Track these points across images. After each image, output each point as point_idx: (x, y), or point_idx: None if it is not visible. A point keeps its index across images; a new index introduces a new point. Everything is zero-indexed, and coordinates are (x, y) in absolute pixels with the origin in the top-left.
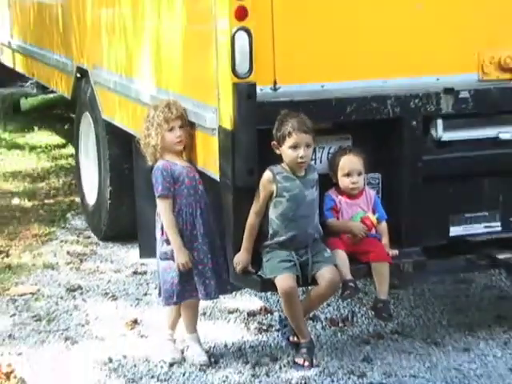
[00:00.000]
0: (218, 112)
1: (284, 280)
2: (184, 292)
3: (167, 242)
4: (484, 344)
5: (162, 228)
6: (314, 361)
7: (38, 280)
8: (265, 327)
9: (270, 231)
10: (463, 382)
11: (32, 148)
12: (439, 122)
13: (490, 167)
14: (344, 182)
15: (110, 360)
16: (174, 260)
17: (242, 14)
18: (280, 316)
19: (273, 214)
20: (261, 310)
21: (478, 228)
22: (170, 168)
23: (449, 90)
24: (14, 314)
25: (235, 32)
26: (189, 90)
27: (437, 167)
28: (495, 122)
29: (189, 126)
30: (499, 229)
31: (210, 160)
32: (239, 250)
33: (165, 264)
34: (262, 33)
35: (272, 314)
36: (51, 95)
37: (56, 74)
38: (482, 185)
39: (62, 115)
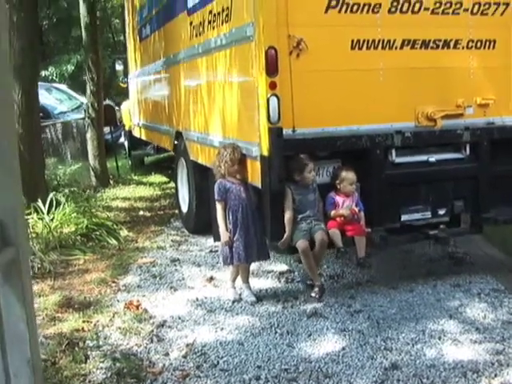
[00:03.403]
0: (259, 146)
1: (302, 243)
2: (232, 258)
3: None
4: (421, 287)
5: None
6: (323, 297)
7: (154, 255)
8: (290, 280)
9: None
10: (409, 308)
11: (151, 184)
12: (393, 151)
13: (423, 179)
14: (347, 187)
15: (197, 299)
16: None
17: (273, 86)
18: (301, 272)
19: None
20: (287, 271)
21: (417, 216)
22: (224, 184)
23: (398, 132)
24: (140, 274)
25: (269, 97)
26: (242, 136)
27: (392, 179)
28: (426, 151)
29: (242, 162)
30: (430, 216)
31: (255, 176)
32: (275, 234)
33: (220, 242)
34: (286, 97)
35: (294, 272)
36: (161, 155)
37: (164, 137)
38: (419, 189)
39: (167, 166)
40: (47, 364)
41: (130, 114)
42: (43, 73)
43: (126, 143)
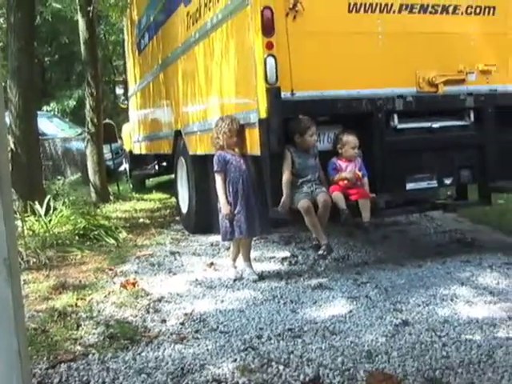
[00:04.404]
0: (258, 111)
1: (304, 202)
2: (233, 231)
3: None
4: (430, 263)
5: None
6: (329, 256)
7: (153, 250)
8: (293, 263)
9: (294, 179)
10: (419, 279)
11: (151, 199)
12: (395, 116)
13: (427, 146)
14: (349, 151)
15: (196, 279)
16: None
17: (269, 46)
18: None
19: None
20: (290, 256)
21: (423, 184)
22: (224, 155)
23: (400, 96)
24: (138, 263)
25: (266, 57)
26: (240, 107)
27: (395, 145)
28: (429, 118)
29: (241, 133)
30: (436, 185)
31: (254, 145)
32: (275, 198)
33: (220, 215)
34: (283, 59)
35: (297, 257)
36: (162, 177)
37: (163, 143)
38: (424, 157)
39: (167, 187)
40: (37, 332)
41: (131, 135)
42: (44, 108)
43: (126, 166)
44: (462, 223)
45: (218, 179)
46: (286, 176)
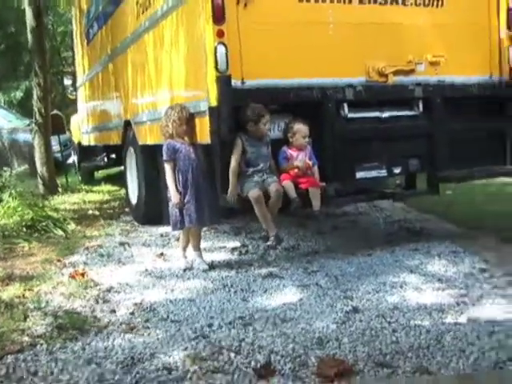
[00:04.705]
0: (208, 99)
1: (254, 192)
2: (183, 221)
3: None
4: (380, 252)
5: None
6: (279, 247)
7: (102, 241)
8: (243, 253)
9: (243, 170)
10: (368, 268)
11: (100, 191)
12: (345, 105)
13: (377, 135)
14: (299, 140)
15: (146, 270)
16: None
17: (220, 34)
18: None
19: (243, 161)
20: (240, 246)
21: (373, 173)
22: (173, 144)
23: (350, 86)
24: (87, 254)
25: (217, 45)
26: (190, 96)
27: (345, 133)
28: (379, 108)
29: (190, 121)
30: (385, 174)
31: (204, 133)
32: (225, 186)
33: (170, 204)
34: (234, 47)
35: (247, 247)
36: (112, 170)
37: (112, 133)
38: (373, 146)
39: (117, 179)
40: None
41: (79, 127)
42: None
43: (75, 158)
44: (410, 213)
45: (168, 168)
46: (233, 164)
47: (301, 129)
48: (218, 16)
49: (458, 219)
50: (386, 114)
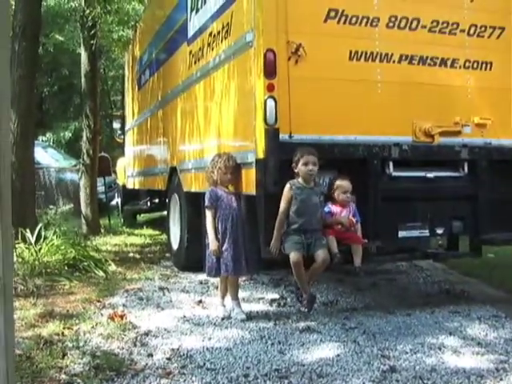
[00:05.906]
0: (255, 151)
1: (295, 255)
2: (219, 269)
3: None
4: (419, 312)
5: None
6: (311, 311)
7: (142, 284)
8: (282, 305)
9: (290, 222)
10: (407, 327)
11: (141, 235)
12: (391, 164)
13: (421, 195)
14: (342, 196)
15: (184, 316)
16: None
17: (270, 88)
18: (296, 290)
19: (291, 211)
20: (279, 298)
21: (415, 233)
22: (216, 191)
23: (396, 144)
24: (126, 296)
25: (266, 98)
26: (238, 147)
27: (389, 192)
28: (424, 167)
29: (236, 171)
30: (428, 234)
31: (249, 184)
32: (268, 237)
33: (207, 251)
34: (283, 101)
35: (286, 299)
36: (154, 214)
37: (157, 179)
38: (417, 206)
39: (158, 224)
40: (22, 358)
41: (125, 170)
42: (40, 138)
43: (119, 200)
44: (451, 274)
45: (208, 215)
46: (280, 217)
47: (342, 185)
48: (270, 71)
49: (499, 283)
50: (430, 174)
